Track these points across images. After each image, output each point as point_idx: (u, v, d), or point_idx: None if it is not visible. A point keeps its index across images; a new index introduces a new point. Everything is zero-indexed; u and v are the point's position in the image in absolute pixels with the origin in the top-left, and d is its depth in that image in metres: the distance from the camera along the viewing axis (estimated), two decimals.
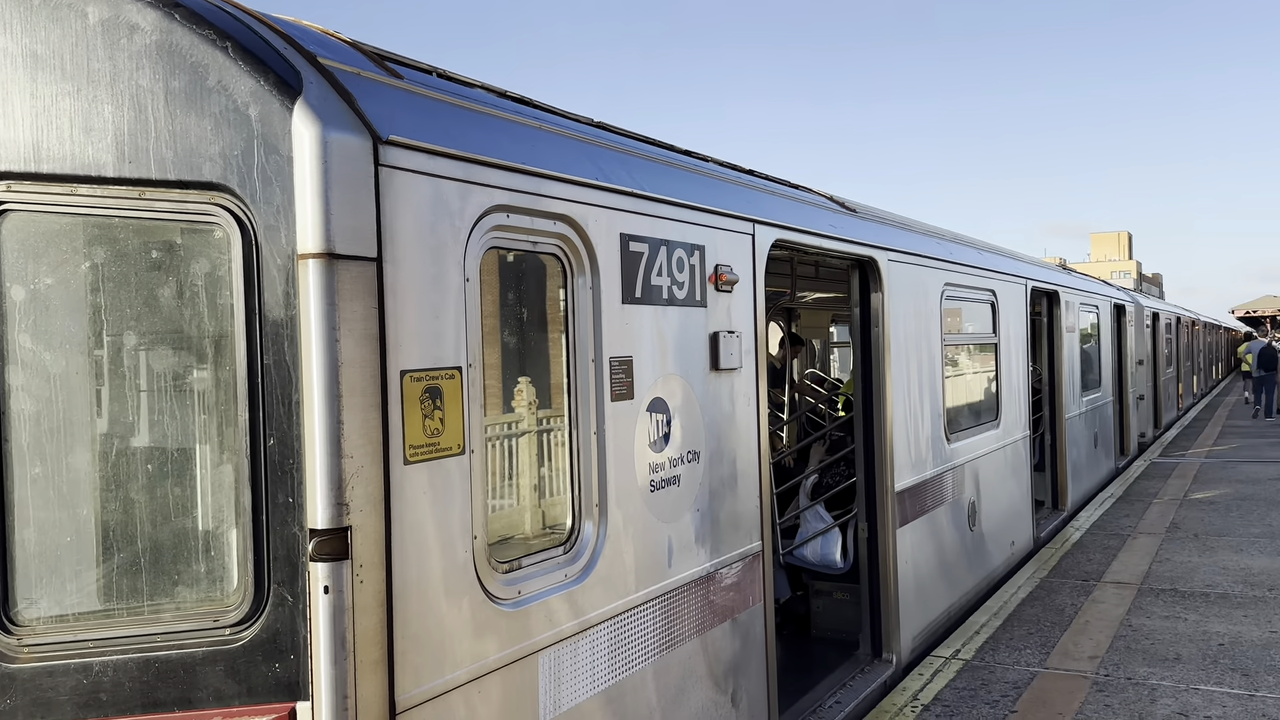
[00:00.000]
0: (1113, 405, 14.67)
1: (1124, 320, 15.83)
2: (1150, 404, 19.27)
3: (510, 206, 3.13)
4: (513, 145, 3.19)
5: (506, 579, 3.14)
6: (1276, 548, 9.28)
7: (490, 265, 3.39)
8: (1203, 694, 5.67)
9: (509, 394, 3.98)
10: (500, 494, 4.06)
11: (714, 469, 4.19)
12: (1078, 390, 12.03)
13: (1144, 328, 18.49)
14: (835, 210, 5.89)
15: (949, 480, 7.20)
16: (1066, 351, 11.38)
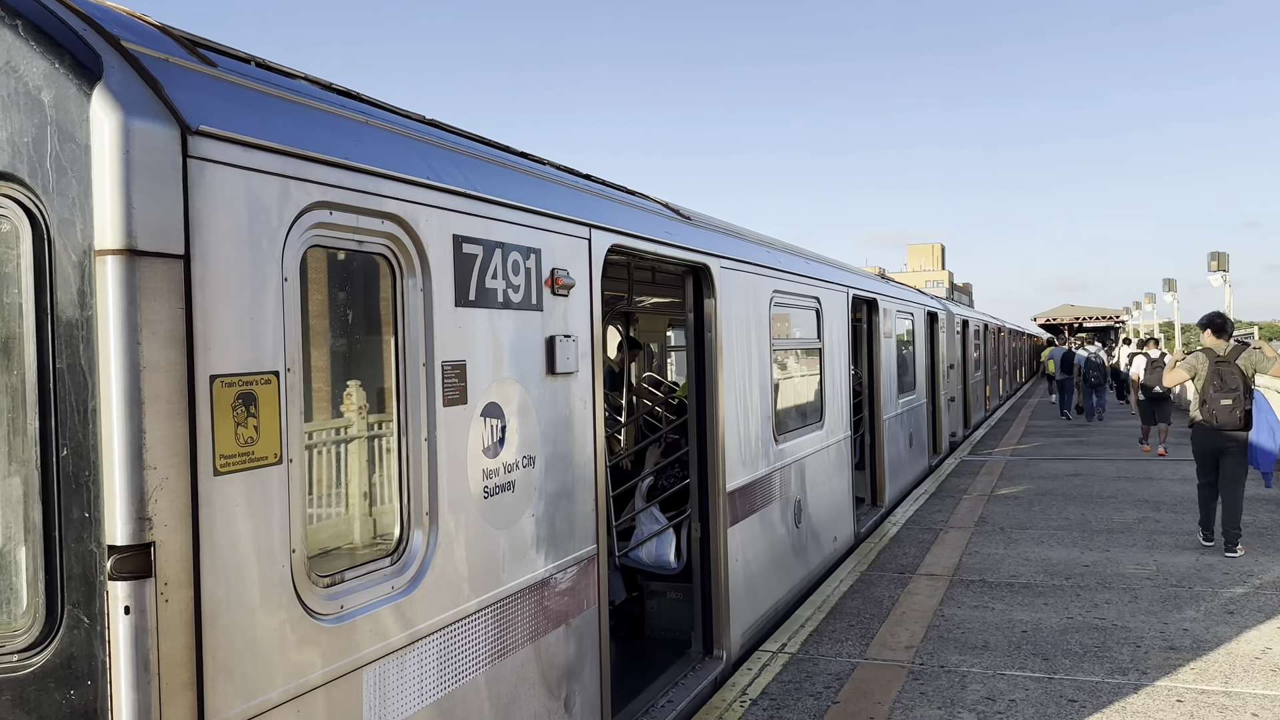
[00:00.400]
0: (927, 407, 15.54)
1: (937, 327, 16.81)
2: (961, 405, 20.54)
3: (333, 204, 3.00)
4: (336, 140, 3.06)
5: (328, 593, 3.01)
6: (1073, 539, 10.04)
7: (315, 265, 3.24)
8: (1008, 679, 6.06)
9: (337, 398, 3.83)
10: (326, 504, 3.90)
11: (550, 474, 4.16)
12: (895, 393, 12.68)
13: (955, 334, 19.69)
14: (671, 217, 5.97)
15: (777, 480, 7.43)
16: (885, 356, 11.97)
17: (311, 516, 3.58)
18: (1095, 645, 6.62)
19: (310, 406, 3.38)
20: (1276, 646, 6.49)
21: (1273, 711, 5.43)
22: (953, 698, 5.75)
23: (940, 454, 17.00)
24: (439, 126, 3.93)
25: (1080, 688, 5.86)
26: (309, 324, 3.23)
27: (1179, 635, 6.78)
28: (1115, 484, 13.66)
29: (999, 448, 18.80)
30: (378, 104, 3.66)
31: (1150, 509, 11.62)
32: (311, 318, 3.31)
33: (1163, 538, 9.98)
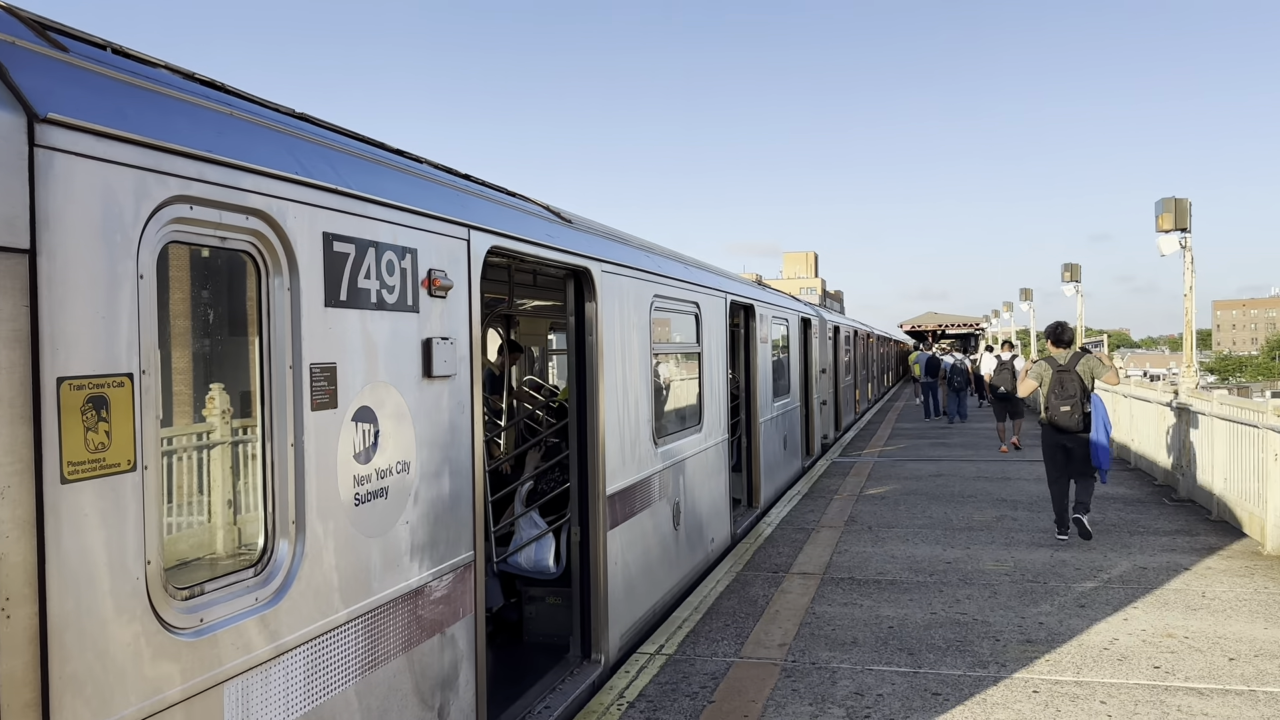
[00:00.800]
0: (800, 410, 15.94)
1: (810, 332, 17.26)
2: (832, 408, 21.14)
3: (194, 198, 2.86)
4: (198, 131, 2.92)
5: (186, 606, 2.87)
6: (937, 537, 10.45)
7: (175, 262, 3.09)
8: (875, 674, 6.26)
9: (199, 402, 3.66)
10: (186, 512, 3.72)
11: (425, 479, 4.07)
12: (770, 396, 12.95)
13: (827, 339, 20.26)
14: (552, 220, 5.94)
15: (657, 482, 7.48)
16: (761, 361, 12.22)
17: (170, 526, 3.41)
18: (957, 640, 6.90)
19: (169, 411, 3.22)
20: (1123, 637, 6.90)
21: (1119, 699, 5.77)
22: (823, 694, 5.90)
23: (813, 456, 17.46)
24: (311, 121, 3.80)
25: (944, 681, 6.10)
26: (168, 324, 3.07)
27: (1035, 628, 7.14)
28: (975, 484, 14.29)
29: (868, 449, 19.43)
30: (245, 96, 3.51)
31: (1008, 508, 12.20)
32: (172, 318, 3.15)
33: (1019, 535, 10.49)
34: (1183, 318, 14.09)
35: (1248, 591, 8.05)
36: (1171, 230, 13.59)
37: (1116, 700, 5.73)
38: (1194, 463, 12.35)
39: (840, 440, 21.46)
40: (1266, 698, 5.72)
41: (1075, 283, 25.55)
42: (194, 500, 3.77)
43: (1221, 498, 11.16)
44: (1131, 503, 12.46)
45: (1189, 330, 14.17)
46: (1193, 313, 13.94)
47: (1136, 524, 11.03)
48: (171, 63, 3.23)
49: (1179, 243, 13.66)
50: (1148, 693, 5.84)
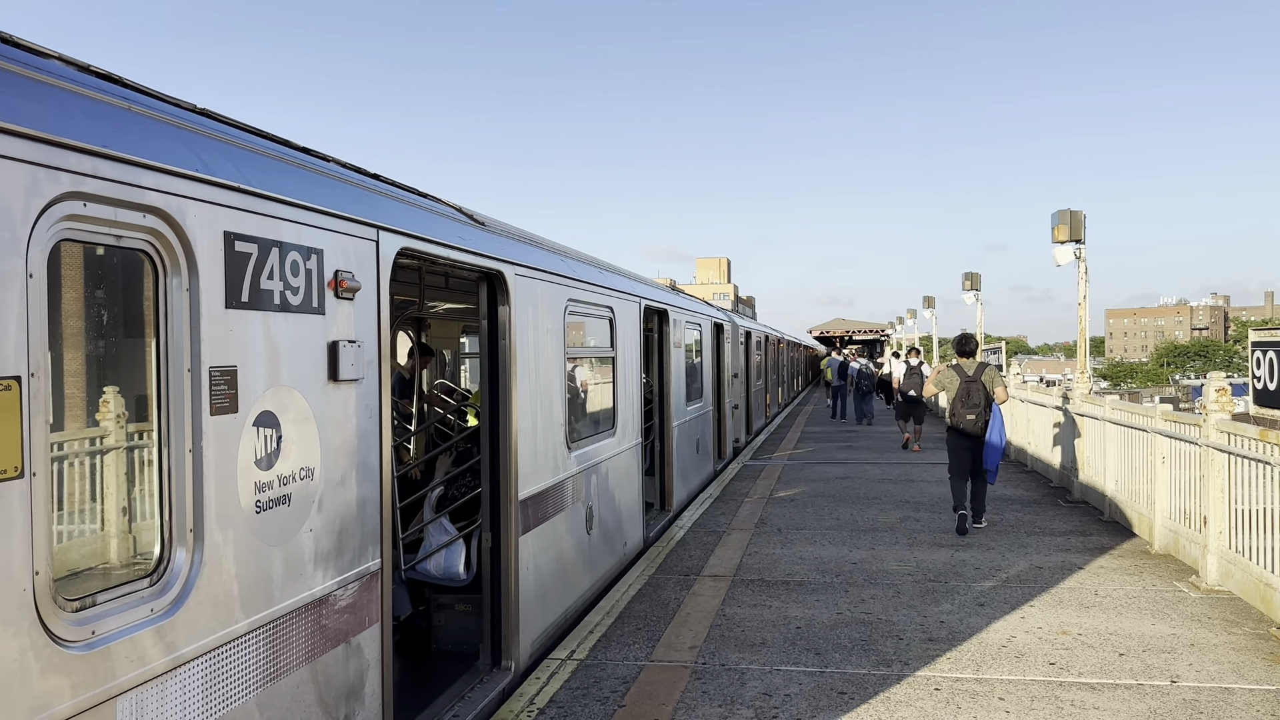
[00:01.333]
0: (713, 414, 16.09)
1: (722, 337, 17.45)
2: (744, 412, 21.40)
3: (88, 194, 2.75)
4: (92, 126, 2.81)
5: (77, 618, 2.76)
6: (843, 539, 10.67)
7: (69, 261, 2.97)
8: (783, 674, 6.35)
9: (93, 406, 3.51)
10: (79, 520, 3.57)
11: (330, 486, 3.99)
12: (683, 401, 13.05)
13: (739, 344, 20.51)
14: (464, 222, 5.88)
15: (570, 487, 7.46)
16: (674, 365, 12.30)
17: (61, 535, 3.27)
18: (863, 639, 7.05)
19: (60, 415, 3.09)
20: (1020, 635, 7.14)
21: (1016, 695, 5.97)
22: (732, 695, 5.96)
23: (725, 459, 17.64)
24: (212, 116, 3.69)
25: (849, 680, 6.23)
26: (60, 325, 2.95)
27: (937, 627, 7.34)
28: (880, 486, 14.63)
29: (778, 453, 19.73)
30: (144, 90, 3.39)
31: (911, 509, 12.53)
32: (64, 318, 3.02)
33: (922, 535, 10.78)
34: (1077, 325, 14.67)
35: (1137, 589, 8.42)
36: (1067, 241, 14.14)
37: (1014, 696, 5.93)
38: (1087, 465, 12.87)
39: (752, 444, 21.74)
40: (1153, 690, 5.99)
41: (975, 291, 26.38)
42: (86, 508, 3.62)
43: (1113, 499, 11.65)
44: (1028, 504, 12.92)
45: (1083, 337, 14.76)
46: (1086, 321, 14.53)
47: (1033, 525, 11.44)
48: (66, 54, 3.10)
49: (1074, 253, 14.22)
50: (1043, 688, 6.05)
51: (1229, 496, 8.41)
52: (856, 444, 21.29)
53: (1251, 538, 7.93)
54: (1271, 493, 7.57)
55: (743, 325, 21.85)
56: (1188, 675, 6.23)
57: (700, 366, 15.04)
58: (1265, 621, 7.36)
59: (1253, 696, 5.86)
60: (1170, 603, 7.96)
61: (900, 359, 22.88)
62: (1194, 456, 9.15)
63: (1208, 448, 8.69)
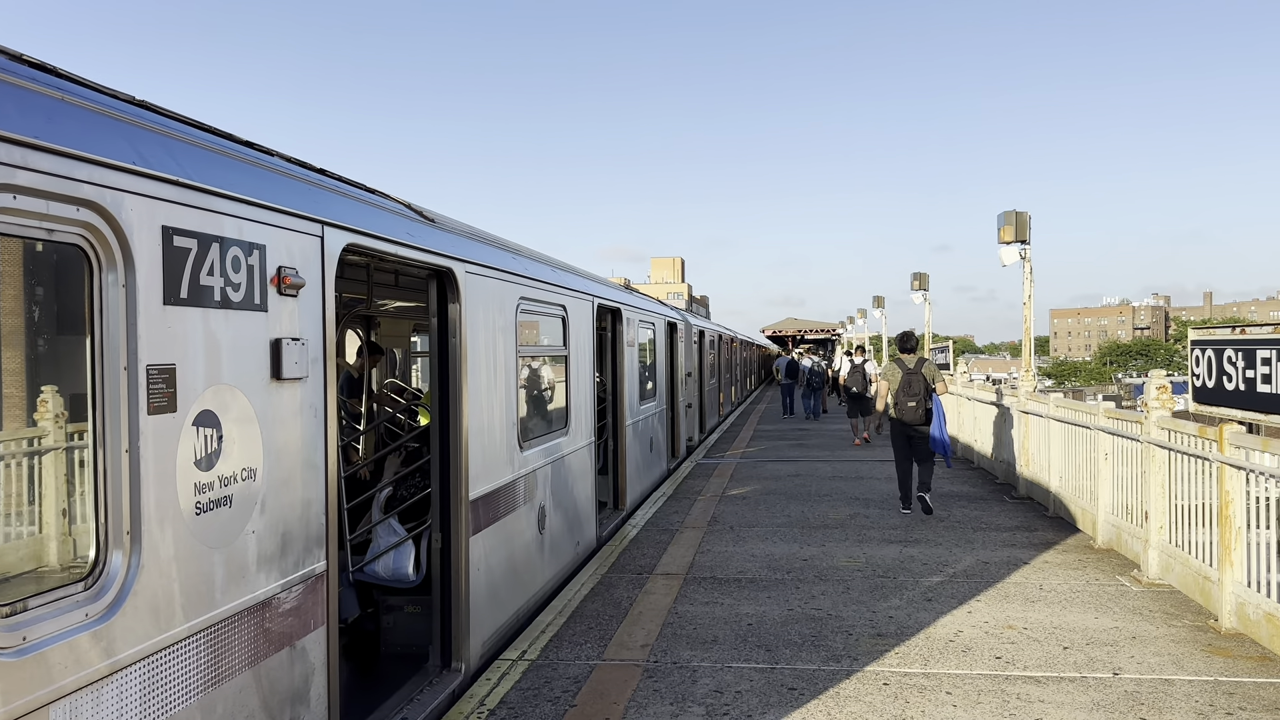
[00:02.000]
0: (666, 413, 16.12)
1: (676, 336, 17.48)
2: (697, 411, 21.47)
3: (18, 187, 2.67)
4: (23, 117, 2.72)
5: (8, 624, 2.67)
6: (794, 535, 10.74)
7: (5, 256, 2.88)
8: (734, 670, 6.37)
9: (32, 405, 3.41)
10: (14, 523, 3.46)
11: (274, 486, 3.91)
12: (637, 399, 13.04)
13: (693, 343, 20.57)
14: (413, 219, 5.81)
15: (521, 487, 7.41)
16: (628, 364, 12.29)
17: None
18: (812, 635, 7.10)
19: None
20: (967, 630, 7.24)
21: (963, 689, 6.05)
22: (684, 693, 5.97)
23: (678, 458, 17.67)
24: (150, 108, 3.59)
25: (800, 676, 6.26)
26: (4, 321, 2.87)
27: (885, 622, 7.41)
28: (831, 483, 14.76)
29: (731, 451, 19.81)
30: (79, 80, 3.29)
31: (861, 505, 12.65)
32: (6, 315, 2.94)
33: (871, 532, 10.89)
34: (1022, 325, 14.92)
35: (1080, 583, 8.58)
36: (1012, 242, 14.38)
37: (961, 690, 6.01)
38: (1032, 462, 13.09)
39: (705, 442, 21.81)
40: (1096, 683, 6.10)
41: (923, 291, 26.73)
42: (24, 510, 3.52)
43: (1058, 495, 11.87)
44: (975, 500, 13.12)
45: (1028, 336, 15.01)
46: (1031, 320, 14.78)
47: (979, 520, 11.62)
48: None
49: (1019, 254, 14.46)
50: (990, 682, 6.14)
51: (1169, 492, 8.61)
52: (808, 442, 21.46)
53: (1191, 532, 8.12)
54: (1210, 488, 7.76)
55: (696, 324, 21.91)
56: (1130, 667, 6.36)
57: (654, 365, 15.05)
58: (1204, 614, 7.54)
59: (1191, 687, 6.00)
60: (1113, 597, 8.13)
61: (849, 358, 24.03)
62: (1136, 453, 9.35)
63: (1149, 444, 8.88)
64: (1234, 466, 7.26)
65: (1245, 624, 7.01)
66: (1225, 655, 6.58)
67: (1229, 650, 6.68)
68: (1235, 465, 7.24)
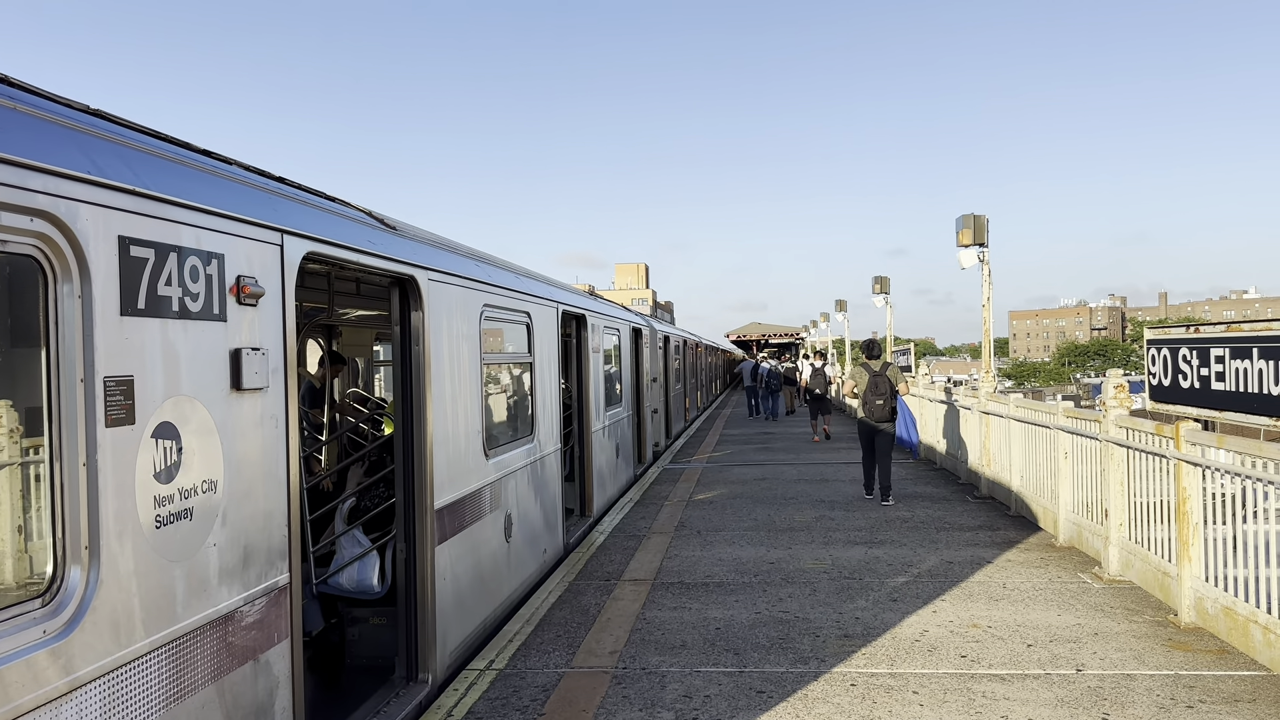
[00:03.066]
0: (632, 418, 16.11)
1: (641, 342, 17.49)
2: (663, 416, 21.49)
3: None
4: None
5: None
6: (760, 539, 10.78)
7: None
8: (703, 675, 6.38)
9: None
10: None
11: (235, 499, 3.86)
12: (602, 405, 13.03)
13: (658, 349, 20.59)
14: (374, 226, 5.77)
15: (487, 495, 7.37)
16: (593, 370, 12.28)
17: None
18: (780, 637, 7.13)
19: None
20: (932, 629, 7.31)
21: (929, 688, 6.10)
22: (653, 698, 5.96)
23: (645, 463, 17.67)
24: (106, 117, 3.54)
25: (768, 679, 6.28)
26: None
27: (852, 624, 7.46)
28: (796, 486, 14.84)
29: (697, 455, 19.85)
30: (32, 89, 3.24)
31: (826, 508, 12.73)
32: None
33: (837, 534, 10.96)
34: (981, 327, 15.10)
35: (1043, 581, 8.69)
36: (971, 245, 14.56)
37: (927, 689, 6.06)
38: (993, 462, 13.26)
39: (671, 447, 21.83)
40: (1060, 679, 6.18)
41: (884, 294, 26.98)
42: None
43: (1019, 494, 12.03)
44: (938, 500, 13.25)
45: (987, 338, 15.20)
46: (991, 322, 14.97)
47: (943, 521, 11.74)
48: None
49: (978, 256, 14.64)
50: (956, 681, 6.20)
51: (1128, 490, 8.75)
52: (773, 445, 21.56)
53: (1150, 529, 8.26)
54: (1168, 485, 7.90)
55: (661, 330, 21.94)
56: (1092, 664, 6.45)
57: (619, 371, 15.05)
58: (1164, 609, 7.67)
59: (1153, 682, 6.10)
60: (1075, 594, 8.24)
61: (809, 362, 25.79)
62: (1095, 451, 9.50)
63: (1107, 443, 9.03)
64: (1190, 463, 7.40)
65: (1204, 618, 7.14)
66: (1185, 649, 6.70)
67: (1189, 644, 6.80)
68: (1192, 462, 7.38)
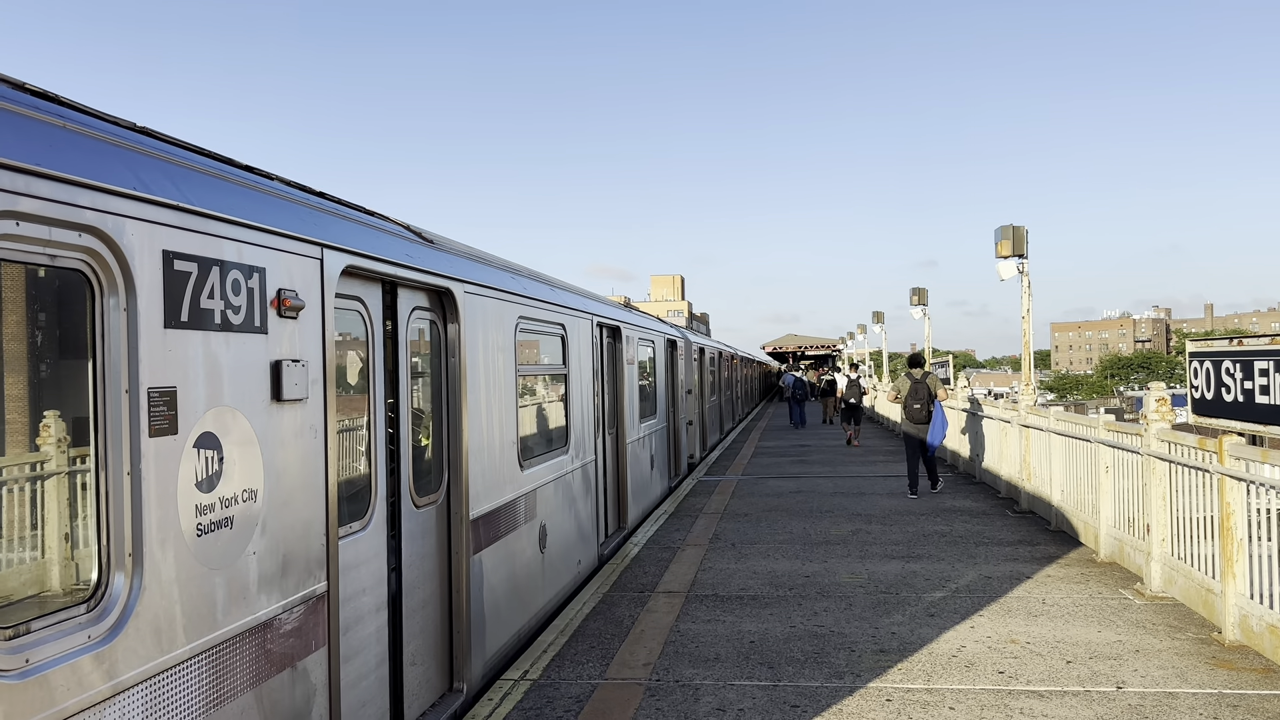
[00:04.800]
0: (667, 430, 16.12)
1: (676, 354, 17.51)
2: (699, 429, 21.47)
3: (21, 213, 2.70)
4: (26, 144, 2.76)
5: (11, 646, 2.69)
6: (796, 552, 10.73)
7: (6, 283, 2.91)
8: (737, 688, 6.36)
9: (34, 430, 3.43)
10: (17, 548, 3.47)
11: (274, 508, 3.93)
12: (637, 417, 13.05)
13: (693, 361, 20.59)
14: (412, 240, 5.85)
15: (522, 506, 7.42)
16: (628, 382, 12.31)
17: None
18: (815, 651, 7.09)
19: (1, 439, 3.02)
20: (970, 645, 7.23)
21: (966, 704, 6.04)
22: (686, 711, 5.96)
23: (680, 475, 17.66)
24: (151, 134, 3.64)
25: (802, 693, 6.25)
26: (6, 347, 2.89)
27: (888, 638, 7.40)
28: (833, 499, 14.75)
29: (732, 468, 19.80)
30: (81, 108, 3.34)
31: (863, 521, 12.64)
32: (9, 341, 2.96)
33: (874, 548, 10.88)
34: (1021, 339, 14.95)
35: (1083, 597, 8.57)
36: (1010, 256, 14.42)
37: (964, 705, 5.99)
38: (1034, 476, 13.09)
39: (706, 459, 21.79)
40: (1100, 697, 6.09)
41: (923, 306, 26.77)
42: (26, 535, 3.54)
43: (1060, 509, 11.86)
44: (977, 515, 13.10)
45: (1027, 350, 15.03)
46: (1030, 334, 14.80)
47: (982, 535, 11.60)
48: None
49: (1017, 268, 14.50)
50: (993, 697, 6.13)
51: (1171, 504, 8.61)
52: (809, 458, 21.44)
53: (1193, 545, 8.11)
54: (1211, 500, 7.76)
55: (696, 341, 21.94)
56: (1133, 681, 6.35)
57: (654, 383, 15.08)
58: (1208, 626, 7.53)
59: (1195, 700, 5.99)
60: (1116, 610, 8.11)
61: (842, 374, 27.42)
62: (1136, 465, 9.35)
63: (1149, 456, 8.89)
64: (1234, 478, 7.26)
65: (1249, 636, 6.99)
66: (1229, 668, 6.57)
67: (1233, 663, 6.67)
68: (1236, 477, 7.25)
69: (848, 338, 57.88)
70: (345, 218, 4.90)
